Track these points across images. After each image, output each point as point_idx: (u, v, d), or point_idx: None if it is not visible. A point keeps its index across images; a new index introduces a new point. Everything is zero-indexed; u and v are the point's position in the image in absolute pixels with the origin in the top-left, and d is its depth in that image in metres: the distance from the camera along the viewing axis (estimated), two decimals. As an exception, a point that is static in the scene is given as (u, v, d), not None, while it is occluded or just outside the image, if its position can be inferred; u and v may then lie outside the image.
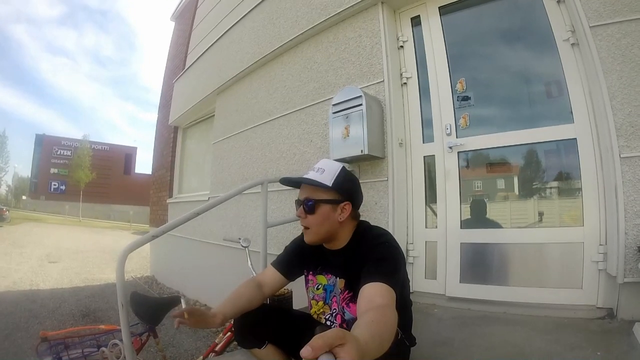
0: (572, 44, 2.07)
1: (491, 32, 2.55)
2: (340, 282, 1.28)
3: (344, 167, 1.29)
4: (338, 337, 0.61)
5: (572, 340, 1.58)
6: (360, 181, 1.38)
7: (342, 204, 1.25)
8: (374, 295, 0.99)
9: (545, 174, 2.29)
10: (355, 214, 1.30)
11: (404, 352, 1.27)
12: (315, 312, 1.37)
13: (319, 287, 1.35)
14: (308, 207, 1.25)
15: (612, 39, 1.83)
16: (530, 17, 2.32)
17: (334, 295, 1.30)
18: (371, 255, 1.13)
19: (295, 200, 1.33)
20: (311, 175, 1.25)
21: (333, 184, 1.23)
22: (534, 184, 2.35)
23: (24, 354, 3.10)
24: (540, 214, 2.25)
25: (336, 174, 1.25)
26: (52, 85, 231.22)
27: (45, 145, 45.27)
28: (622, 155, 1.75)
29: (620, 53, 1.80)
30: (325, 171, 1.25)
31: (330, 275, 1.32)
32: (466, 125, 2.43)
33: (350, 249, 1.27)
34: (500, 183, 2.50)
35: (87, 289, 6.23)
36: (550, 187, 2.29)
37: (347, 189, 1.27)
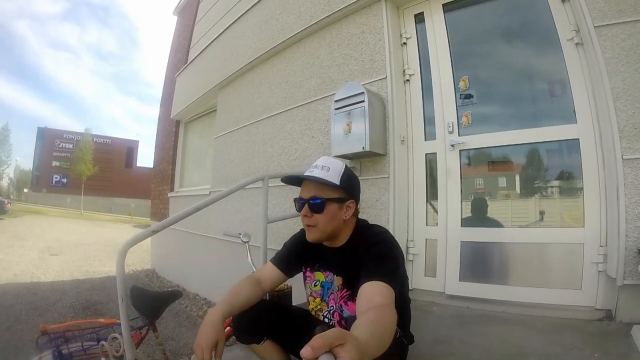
0: (577, 44, 2.05)
1: (495, 30, 2.53)
2: (337, 280, 1.28)
3: (346, 165, 1.29)
4: (338, 337, 0.61)
5: (571, 341, 1.58)
6: (361, 178, 1.37)
7: (348, 202, 1.25)
8: (374, 294, 0.98)
9: (547, 174, 2.29)
10: (356, 212, 1.30)
11: (402, 350, 1.27)
12: (313, 308, 1.37)
13: (317, 283, 1.35)
14: (315, 205, 1.22)
15: (617, 39, 1.81)
16: (534, 15, 2.30)
17: (332, 293, 1.30)
18: (370, 254, 1.13)
19: (295, 199, 1.31)
20: (316, 173, 1.23)
21: (340, 182, 1.22)
22: (535, 183, 2.34)
23: (25, 346, 3.12)
24: (541, 214, 2.25)
25: (342, 172, 1.24)
26: (55, 81, 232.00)
27: (47, 138, 45.14)
28: (624, 157, 1.74)
29: (625, 54, 1.79)
30: (331, 169, 1.23)
31: (328, 272, 1.32)
32: (468, 123, 2.42)
33: (348, 247, 1.27)
34: (502, 182, 2.49)
35: (88, 282, 6.27)
36: (552, 187, 2.28)
37: (352, 186, 1.27)
